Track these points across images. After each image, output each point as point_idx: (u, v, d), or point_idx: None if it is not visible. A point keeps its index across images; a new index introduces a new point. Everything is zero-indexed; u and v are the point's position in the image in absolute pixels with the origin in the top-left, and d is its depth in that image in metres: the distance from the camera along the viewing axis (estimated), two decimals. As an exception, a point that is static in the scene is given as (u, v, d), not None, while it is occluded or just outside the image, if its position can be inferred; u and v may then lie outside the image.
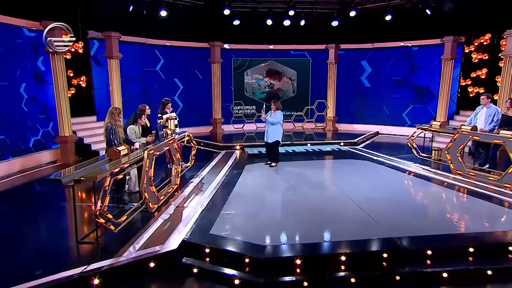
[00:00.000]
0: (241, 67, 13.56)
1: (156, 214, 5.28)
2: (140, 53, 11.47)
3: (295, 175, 7.59)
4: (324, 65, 13.46)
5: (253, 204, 5.82)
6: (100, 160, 4.92)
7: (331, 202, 5.85)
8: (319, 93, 13.57)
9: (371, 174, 7.62)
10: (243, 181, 7.03)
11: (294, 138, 11.52)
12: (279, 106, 7.96)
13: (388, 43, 12.47)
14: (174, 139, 6.53)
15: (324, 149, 10.09)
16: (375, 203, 5.70)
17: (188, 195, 6.18)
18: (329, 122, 13.39)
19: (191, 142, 7.68)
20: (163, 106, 7.66)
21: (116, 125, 5.50)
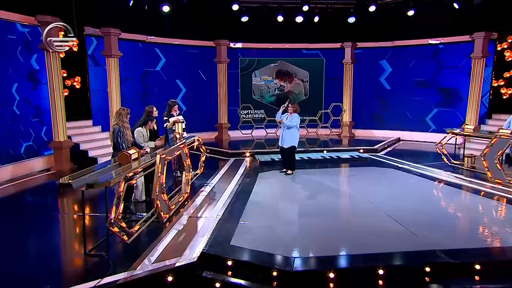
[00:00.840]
0: (249, 68, 13.69)
1: (167, 225, 5.29)
2: (139, 52, 11.60)
3: (315, 183, 7.63)
4: (339, 65, 13.58)
5: (273, 214, 5.86)
6: (104, 167, 4.95)
7: (358, 212, 5.86)
8: (334, 96, 13.66)
9: (398, 183, 7.65)
10: (258, 190, 7.09)
11: (307, 144, 11.56)
12: (297, 109, 8.03)
13: (410, 41, 12.59)
14: (184, 144, 6.56)
15: (342, 156, 10.18)
16: (408, 213, 5.71)
17: (200, 204, 6.21)
18: (345, 127, 13.45)
19: (200, 147, 7.74)
20: (169, 108, 7.74)
21: (124, 127, 5.55)
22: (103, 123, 10.40)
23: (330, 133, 12.92)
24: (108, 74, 10.27)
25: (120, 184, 4.14)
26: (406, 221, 5.33)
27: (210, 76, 13.08)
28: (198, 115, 13.08)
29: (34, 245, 4.86)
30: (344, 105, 13.39)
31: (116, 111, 5.64)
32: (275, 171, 8.59)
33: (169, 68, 12.35)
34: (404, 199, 6.43)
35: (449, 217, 5.73)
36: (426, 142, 12.32)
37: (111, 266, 4.10)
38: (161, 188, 5.22)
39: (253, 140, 12.27)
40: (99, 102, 10.44)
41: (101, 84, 10.44)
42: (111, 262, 4.22)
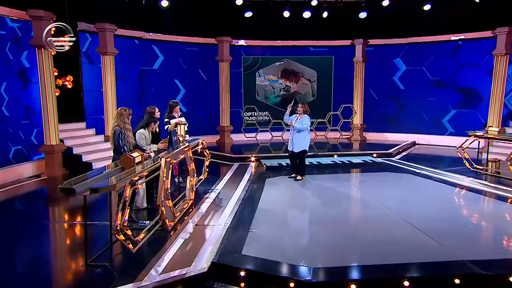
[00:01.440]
0: (252, 67, 13.76)
1: (172, 234, 5.29)
2: (136, 49, 11.66)
3: (327, 189, 7.68)
4: (349, 64, 13.66)
5: (284, 221, 5.90)
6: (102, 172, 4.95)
7: (377, 219, 5.87)
8: (344, 96, 13.73)
9: (417, 189, 7.69)
10: (267, 197, 7.12)
11: (316, 149, 11.59)
12: (307, 110, 8.05)
13: (426, 37, 12.67)
14: (189, 147, 6.58)
15: (354, 161, 10.24)
16: (429, 221, 5.72)
17: (206, 212, 6.23)
18: (356, 130, 13.51)
19: (204, 151, 7.77)
20: (171, 109, 7.78)
21: (125, 128, 5.57)
22: (97, 125, 10.43)
23: (340, 136, 12.96)
24: (103, 73, 10.31)
25: (126, 189, 4.15)
26: (428, 229, 5.34)
27: (211, 75, 13.15)
28: (198, 118, 13.12)
29: (30, 256, 4.85)
30: (354, 106, 13.45)
31: (117, 112, 5.66)
32: (283, 176, 8.63)
33: (167, 66, 12.41)
34: (424, 206, 6.44)
35: (474, 226, 5.74)
36: (443, 146, 12.37)
37: (116, 278, 4.10)
38: (166, 193, 5.23)
39: (257, 144, 12.30)
40: (93, 103, 10.47)
41: (95, 83, 10.48)
42: (115, 273, 4.21)
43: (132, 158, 4.91)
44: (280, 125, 12.37)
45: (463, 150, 8.60)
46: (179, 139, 6.77)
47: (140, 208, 6.25)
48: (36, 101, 9.09)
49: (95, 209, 6.46)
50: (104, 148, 9.78)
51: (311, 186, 7.93)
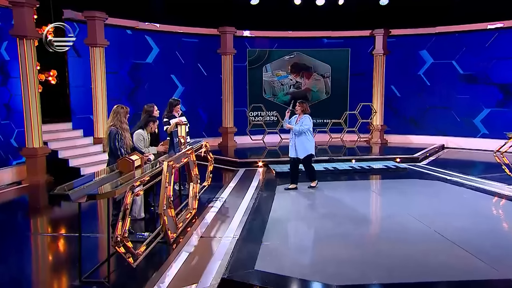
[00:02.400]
0: (259, 61, 13.84)
1: (175, 247, 5.32)
2: (127, 41, 11.75)
3: (345, 198, 7.72)
4: (368, 57, 13.70)
5: (301, 233, 5.94)
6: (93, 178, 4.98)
7: (405, 231, 5.86)
8: (362, 94, 13.76)
9: (449, 198, 7.68)
10: (279, 205, 7.16)
11: (331, 153, 11.66)
12: (306, 109, 7.95)
13: (456, 26, 12.65)
14: (192, 150, 6.63)
15: (374, 167, 10.28)
16: (467, 234, 5.68)
17: (212, 222, 6.26)
18: (376, 132, 13.54)
19: (208, 155, 7.81)
20: (171, 107, 7.84)
21: (122, 128, 5.60)
22: (85, 126, 10.49)
23: (358, 139, 12.97)
24: (92, 67, 10.35)
25: (127, 196, 4.18)
26: (468, 244, 5.28)
27: (212, 70, 13.23)
28: (198, 118, 13.17)
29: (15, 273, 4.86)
30: (374, 105, 13.48)
31: (113, 110, 5.68)
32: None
33: (163, 60, 12.49)
34: (459, 218, 6.41)
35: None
36: (475, 150, 12.38)
37: (115, 296, 4.12)
38: (168, 202, 5.26)
39: (265, 147, 12.33)
40: (80, 101, 10.55)
41: (83, 79, 10.56)
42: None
43: (131, 162, 4.94)
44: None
45: (501, 154, 8.60)
46: (181, 141, 6.81)
47: (138, 219, 6.27)
48: (17, 99, 9.16)
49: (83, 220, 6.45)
50: (93, 152, 9.83)
51: (326, 194, 7.97)
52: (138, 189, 4.71)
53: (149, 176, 4.89)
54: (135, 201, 6.22)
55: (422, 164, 10.80)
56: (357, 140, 12.96)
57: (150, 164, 5.56)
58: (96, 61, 10.32)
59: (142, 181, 4.65)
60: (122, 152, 5.52)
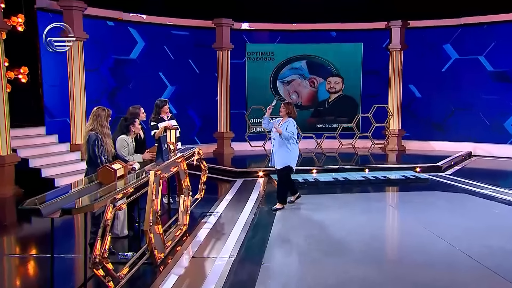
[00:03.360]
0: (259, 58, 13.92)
1: (162, 269, 5.28)
2: (109, 34, 11.77)
3: (357, 212, 7.73)
4: (383, 53, 13.72)
5: (307, 253, 5.88)
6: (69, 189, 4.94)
7: (428, 252, 5.81)
8: (376, 94, 13.76)
9: (477, 213, 7.64)
10: (282, 221, 7.17)
11: (341, 161, 11.65)
12: (292, 111, 7.63)
13: (486, 17, 12.62)
14: (183, 158, 6.60)
15: (391, 177, 10.28)
16: (500, 256, 5.65)
17: (204, 240, 6.25)
18: (393, 138, 13.53)
19: (201, 163, 7.79)
20: (158, 109, 7.84)
21: (103, 133, 5.57)
22: (60, 131, 10.46)
23: (371, 145, 12.95)
24: (69, 63, 10.33)
25: (107, 210, 4.14)
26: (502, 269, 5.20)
27: (206, 67, 13.25)
28: (190, 122, 13.14)
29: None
30: (390, 107, 13.48)
31: (93, 112, 5.65)
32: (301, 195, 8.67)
33: (149, 56, 12.51)
34: (491, 237, 6.36)
35: None
36: (507, 158, 12.37)
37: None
38: (155, 217, 5.22)
39: (266, 155, 12.24)
40: (55, 103, 10.54)
41: (59, 77, 10.55)
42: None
43: (113, 171, 4.90)
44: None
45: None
46: (170, 147, 6.78)
47: (120, 236, 6.22)
48: (-18, 100, 9.11)
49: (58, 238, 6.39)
50: (70, 160, 9.78)
51: (337, 208, 7.98)
52: (120, 203, 4.68)
53: (133, 188, 4.84)
54: (117, 216, 6.17)
55: (446, 174, 10.79)
56: (371, 146, 12.93)
57: (134, 174, 5.52)
58: (73, 57, 10.28)
59: (125, 193, 4.60)
60: (102, 160, 5.48)
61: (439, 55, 13.54)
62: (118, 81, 11.99)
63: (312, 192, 9.14)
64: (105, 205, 4.18)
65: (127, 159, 6.05)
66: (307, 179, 9.86)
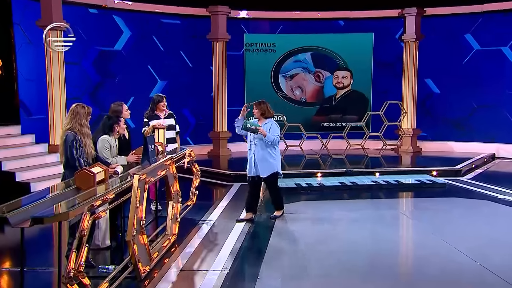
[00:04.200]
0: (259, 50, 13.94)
1: (147, 283, 5.28)
2: (91, 22, 11.78)
3: (365, 220, 7.71)
4: (397, 44, 13.74)
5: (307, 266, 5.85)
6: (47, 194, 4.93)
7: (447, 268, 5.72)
8: (389, 90, 13.76)
9: (502, 223, 7.58)
10: (282, 230, 7.15)
11: (349, 164, 11.65)
12: (267, 111, 7.38)
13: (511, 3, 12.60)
14: (172, 160, 6.59)
15: (404, 182, 10.25)
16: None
17: (195, 251, 6.25)
18: (407, 138, 13.53)
19: (193, 166, 7.79)
20: (153, 106, 7.99)
21: (82, 133, 5.55)
22: (38, 130, 10.49)
23: (383, 146, 12.95)
24: (47, 55, 10.31)
25: (84, 218, 4.11)
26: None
27: (201, 60, 13.29)
28: (183, 120, 13.08)
29: None
30: (404, 104, 13.48)
31: (71, 109, 5.63)
32: (303, 202, 8.78)
33: (137, 47, 12.56)
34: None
35: None
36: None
37: None
38: (140, 226, 5.20)
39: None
40: (32, 99, 10.57)
41: (36, 71, 10.57)
42: None
43: (92, 175, 4.88)
44: (297, 131, 12.37)
45: None
46: (158, 149, 6.77)
47: (101, 248, 6.21)
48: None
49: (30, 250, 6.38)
50: (48, 163, 9.78)
51: (343, 216, 7.97)
52: (101, 210, 4.67)
53: (114, 194, 4.81)
54: (99, 226, 6.18)
55: (466, 178, 10.79)
56: (383, 148, 12.93)
57: (117, 178, 5.51)
58: (52, 48, 10.30)
59: (105, 199, 4.57)
60: (81, 163, 5.46)
61: (459, 46, 13.53)
62: (102, 75, 12.01)
63: (316, 198, 9.21)
64: (81, 213, 4.16)
65: (109, 162, 6.03)
66: (310, 184, 9.87)
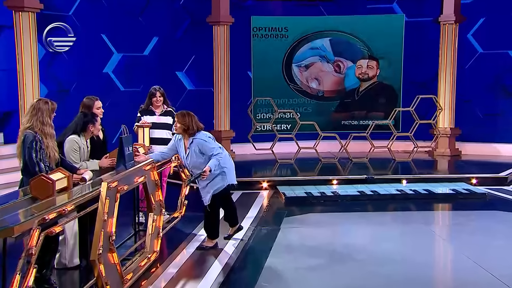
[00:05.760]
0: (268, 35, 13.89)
1: (118, 311, 5.27)
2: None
3: (387, 238, 7.67)
4: (432, 27, 13.62)
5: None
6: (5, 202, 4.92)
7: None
8: (421, 82, 13.72)
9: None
10: (283, 248, 7.16)
11: (372, 169, 11.59)
12: (191, 125, 6.76)
13: None
14: (153, 165, 6.57)
15: (436, 191, 10.17)
16: None
17: (179, 272, 6.24)
18: (443, 139, 13.40)
19: (182, 172, 7.78)
20: (148, 100, 8.16)
21: (44, 133, 5.53)
22: (6, 128, 10.69)
23: (414, 148, 12.82)
24: (17, 41, 10.40)
25: (33, 234, 4.08)
26: None
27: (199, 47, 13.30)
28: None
29: None
30: (440, 98, 13.37)
31: (32, 105, 5.62)
32: (313, 214, 8.78)
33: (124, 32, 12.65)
34: None
35: None
36: None
37: None
38: (108, 242, 5.18)
39: (275, 160, 12.32)
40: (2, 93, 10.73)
41: (5, 59, 10.75)
42: None
43: (51, 183, 4.85)
44: (312, 130, 12.30)
45: None
46: (140, 151, 6.75)
47: (69, 267, 6.21)
48: None
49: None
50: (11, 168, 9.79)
51: (358, 231, 7.98)
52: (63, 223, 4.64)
53: (73, 204, 4.78)
54: (66, 242, 6.19)
55: (511, 188, 10.65)
56: (414, 150, 12.79)
57: (85, 186, 5.47)
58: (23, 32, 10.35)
59: (62, 211, 4.54)
60: (41, 168, 5.43)
61: (506, 30, 13.35)
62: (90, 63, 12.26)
63: (328, 209, 9.17)
64: (30, 228, 4.13)
65: (78, 167, 6.03)
66: (324, 193, 9.83)
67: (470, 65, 13.72)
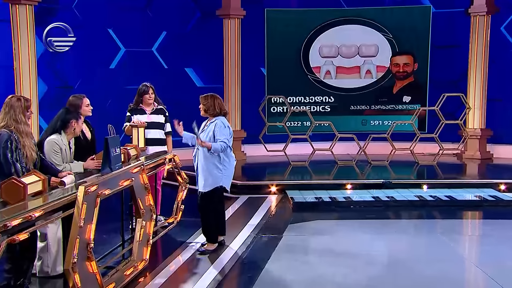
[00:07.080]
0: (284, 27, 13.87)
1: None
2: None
3: (402, 250, 7.60)
4: (462, 19, 13.52)
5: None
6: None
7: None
8: (449, 79, 13.65)
9: None
10: (284, 257, 7.11)
11: (393, 173, 11.54)
12: (216, 107, 7.12)
13: None
14: (142, 167, 6.56)
15: (459, 197, 10.03)
16: None
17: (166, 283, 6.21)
18: (472, 140, 13.28)
19: (179, 175, 7.79)
20: (138, 97, 8.17)
21: (19, 131, 5.57)
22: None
23: (440, 151, 12.70)
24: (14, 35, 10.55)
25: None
26: None
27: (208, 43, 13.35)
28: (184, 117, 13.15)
29: None
30: (469, 98, 13.24)
31: (6, 102, 5.66)
32: (321, 221, 8.70)
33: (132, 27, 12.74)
34: None
35: None
36: None
37: None
38: (86, 250, 5.17)
39: (288, 162, 12.32)
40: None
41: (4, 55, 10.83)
42: None
43: (22, 186, 4.86)
44: (327, 131, 12.27)
45: None
46: (130, 153, 6.77)
47: (51, 275, 6.21)
48: None
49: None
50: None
51: (369, 241, 7.84)
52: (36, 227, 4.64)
53: (42, 210, 4.77)
54: (48, 249, 6.21)
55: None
56: (439, 152, 12.67)
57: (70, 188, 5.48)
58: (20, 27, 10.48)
59: (28, 217, 4.54)
60: (17, 169, 5.46)
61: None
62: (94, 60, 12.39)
63: (337, 216, 9.17)
64: (-10, 235, 4.14)
65: (62, 169, 6.05)
66: (335, 198, 9.80)
67: (502, 61, 13.49)
